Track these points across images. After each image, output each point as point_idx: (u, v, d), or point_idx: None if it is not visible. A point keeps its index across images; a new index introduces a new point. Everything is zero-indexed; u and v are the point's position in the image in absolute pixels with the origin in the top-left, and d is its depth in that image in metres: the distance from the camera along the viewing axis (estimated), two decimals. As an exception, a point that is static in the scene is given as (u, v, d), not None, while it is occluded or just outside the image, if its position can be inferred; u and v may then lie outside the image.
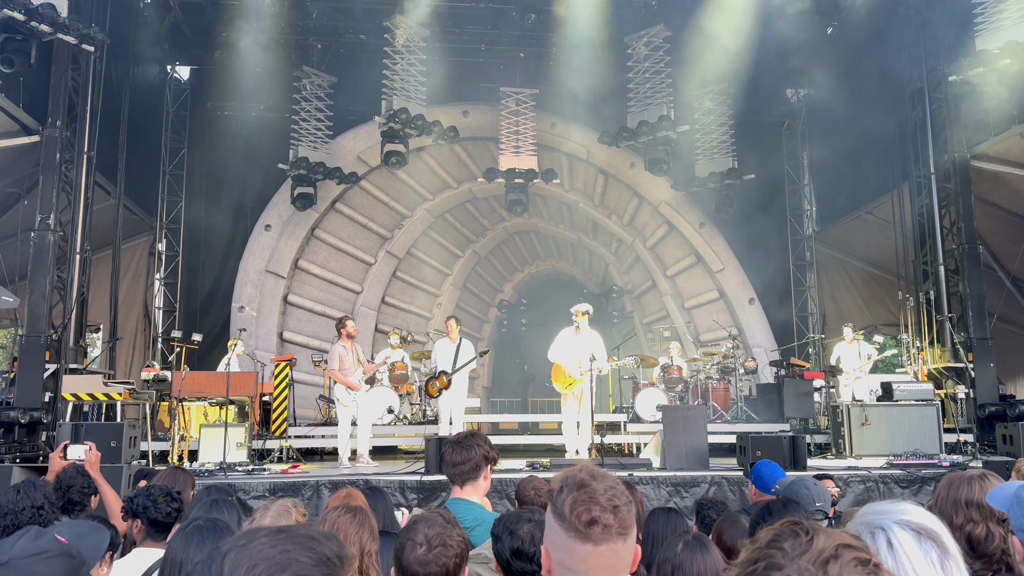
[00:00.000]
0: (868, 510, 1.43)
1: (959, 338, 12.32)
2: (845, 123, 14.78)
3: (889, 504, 1.42)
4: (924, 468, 8.53)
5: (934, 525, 1.37)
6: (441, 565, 2.31)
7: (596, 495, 1.54)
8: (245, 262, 16.09)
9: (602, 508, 1.52)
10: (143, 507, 3.40)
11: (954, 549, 1.35)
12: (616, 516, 1.53)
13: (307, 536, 1.02)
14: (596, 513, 1.52)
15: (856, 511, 3.54)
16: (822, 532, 1.00)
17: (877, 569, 0.97)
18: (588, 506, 1.52)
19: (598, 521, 1.51)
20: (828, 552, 0.96)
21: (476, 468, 3.32)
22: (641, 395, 12.84)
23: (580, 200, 17.75)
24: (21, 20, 10.40)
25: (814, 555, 0.96)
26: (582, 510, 1.52)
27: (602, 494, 1.54)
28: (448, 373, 10.22)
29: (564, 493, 1.56)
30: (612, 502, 1.54)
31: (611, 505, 1.53)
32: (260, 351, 14.88)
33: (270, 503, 2.84)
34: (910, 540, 1.34)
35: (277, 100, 15.33)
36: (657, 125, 15.12)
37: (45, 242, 11.20)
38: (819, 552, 0.97)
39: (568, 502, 1.54)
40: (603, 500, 1.53)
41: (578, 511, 1.52)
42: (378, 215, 17.05)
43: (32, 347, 10.86)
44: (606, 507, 1.53)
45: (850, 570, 0.95)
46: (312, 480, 8.20)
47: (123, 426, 8.62)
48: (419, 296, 17.85)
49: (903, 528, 1.35)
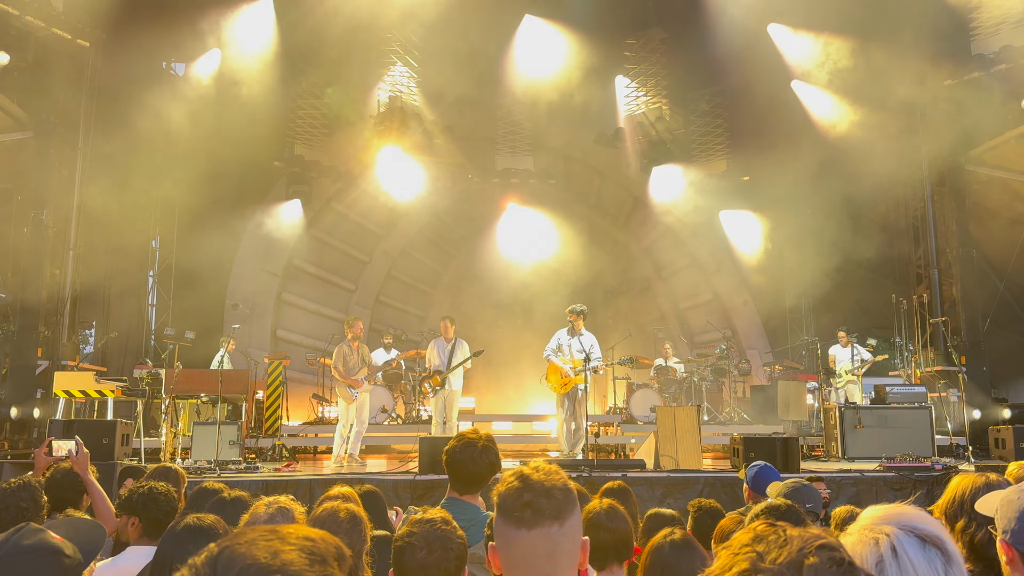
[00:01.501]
0: (871, 515, 1.42)
1: (952, 341, 12.35)
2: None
3: (893, 509, 1.40)
4: (917, 471, 8.54)
5: (939, 531, 1.36)
6: (442, 568, 2.29)
7: (531, 483, 1.59)
8: (239, 260, 16.03)
9: (535, 492, 1.57)
10: (143, 505, 3.36)
11: (957, 556, 1.34)
12: (549, 499, 1.56)
13: (302, 536, 1.01)
14: (528, 497, 1.56)
15: (848, 510, 3.54)
16: (796, 533, 1.00)
17: (852, 568, 0.96)
18: (521, 492, 1.58)
19: (530, 504, 1.55)
20: (803, 552, 0.96)
21: (483, 482, 3.19)
22: (635, 396, 12.85)
23: (575, 201, 17.74)
24: (15, 15, 10.34)
25: (788, 556, 0.95)
26: (515, 495, 1.58)
27: (537, 482, 1.60)
28: (442, 372, 10.22)
29: (505, 484, 1.63)
30: (545, 487, 1.59)
31: (544, 490, 1.58)
32: (254, 349, 14.83)
33: (267, 502, 2.81)
34: (915, 548, 1.33)
35: (273, 97, 15.26)
36: (653, 126, 15.13)
37: (39, 238, 11.15)
38: (793, 553, 0.96)
39: (506, 491, 1.61)
40: (537, 487, 1.58)
41: (512, 496, 1.58)
42: (373, 214, 17.00)
43: (24, 343, 10.81)
44: (539, 492, 1.57)
45: (825, 571, 0.94)
46: (305, 479, 8.18)
47: (115, 423, 8.58)
48: (414, 295, 17.83)
49: (908, 535, 1.34)
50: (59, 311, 11.39)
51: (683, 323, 17.55)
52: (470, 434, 3.21)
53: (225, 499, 3.41)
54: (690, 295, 17.54)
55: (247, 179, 15.44)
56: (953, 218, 12.55)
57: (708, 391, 13.12)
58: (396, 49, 14.69)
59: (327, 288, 17.06)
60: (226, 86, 14.62)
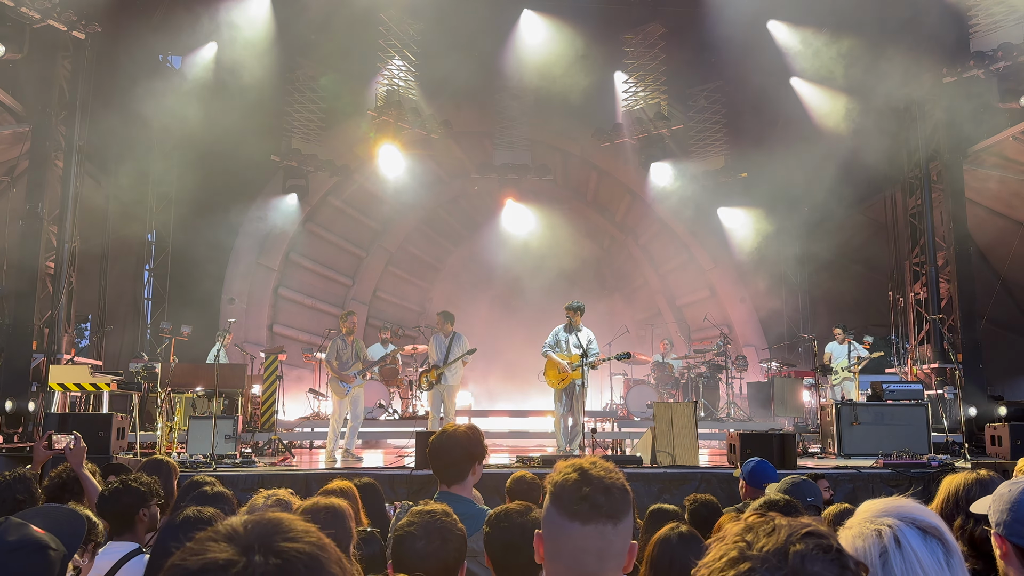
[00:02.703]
0: (870, 508, 1.42)
1: (949, 339, 12.37)
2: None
3: (892, 501, 1.41)
4: (913, 468, 8.55)
5: (938, 523, 1.37)
6: (440, 559, 2.28)
7: (591, 477, 1.56)
8: (236, 254, 15.98)
9: (594, 488, 1.54)
10: (100, 507, 3.41)
11: (956, 547, 1.36)
12: (607, 497, 1.54)
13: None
14: (586, 491, 1.54)
15: (839, 507, 3.53)
16: (785, 522, 1.00)
17: (840, 555, 0.96)
18: (580, 485, 1.55)
19: (587, 499, 1.53)
20: (790, 540, 0.96)
21: (460, 470, 3.22)
22: (632, 392, 12.86)
23: (573, 197, 17.72)
24: (10, 6, 10.28)
25: (775, 544, 0.96)
26: (574, 487, 1.55)
27: (597, 477, 1.57)
28: (439, 367, 10.21)
29: (562, 475, 1.60)
30: (604, 484, 1.56)
31: (603, 487, 1.55)
32: (250, 343, 14.80)
33: (267, 494, 2.80)
34: (917, 539, 1.33)
35: (270, 91, 15.21)
36: (651, 122, 15.11)
37: (34, 231, 11.10)
38: (780, 541, 0.96)
39: (563, 481, 1.58)
40: (596, 481, 1.56)
41: (570, 488, 1.55)
42: (370, 209, 16.96)
43: (20, 336, 10.77)
44: (598, 487, 1.55)
45: (812, 558, 0.94)
46: (301, 474, 8.16)
47: (111, 417, 8.55)
48: (411, 290, 17.80)
49: (909, 527, 1.35)
50: (54, 304, 11.35)
51: (680, 319, 17.55)
52: (450, 426, 3.33)
53: (207, 493, 3.39)
54: (687, 291, 17.54)
55: (244, 173, 15.38)
56: (951, 215, 12.56)
57: (705, 387, 13.13)
58: (394, 43, 14.64)
59: (324, 283, 17.03)
60: (223, 79, 14.56)
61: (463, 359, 10.35)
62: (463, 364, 10.42)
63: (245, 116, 14.55)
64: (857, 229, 15.47)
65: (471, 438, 3.25)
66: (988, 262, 13.83)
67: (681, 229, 17.23)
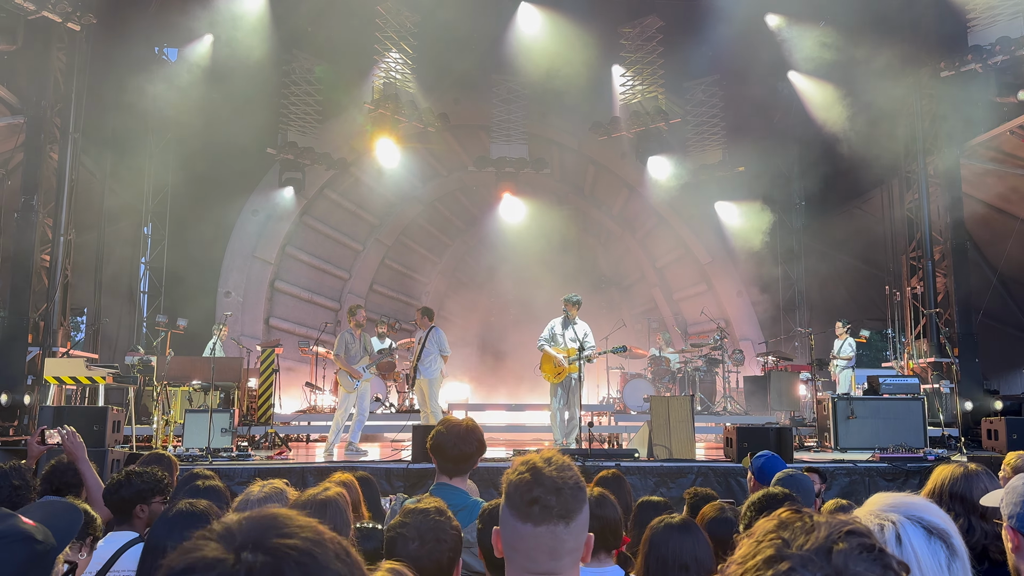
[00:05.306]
0: (878, 501, 1.40)
1: (945, 333, 12.39)
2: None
3: (902, 497, 1.38)
4: (909, 462, 8.57)
5: (947, 525, 1.33)
6: (434, 560, 2.26)
7: (542, 477, 1.56)
8: (232, 247, 15.93)
9: (545, 489, 1.54)
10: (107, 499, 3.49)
11: (962, 551, 1.32)
12: (558, 498, 1.54)
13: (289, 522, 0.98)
14: (537, 493, 1.54)
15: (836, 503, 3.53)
16: (824, 519, 0.96)
17: (882, 555, 0.92)
18: (531, 486, 1.55)
19: (538, 501, 1.53)
20: (832, 539, 0.92)
21: (471, 463, 3.26)
22: (628, 386, 12.86)
23: (570, 190, 17.69)
24: (5, -3, 10.22)
25: (815, 542, 0.91)
26: (525, 489, 1.56)
27: (548, 477, 1.56)
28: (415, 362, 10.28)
29: (516, 474, 1.60)
30: (556, 484, 1.56)
31: (554, 487, 1.55)
32: (246, 337, 14.77)
33: (262, 483, 2.78)
34: (920, 538, 1.31)
35: (266, 84, 15.14)
36: (649, 116, 15.08)
37: (29, 223, 11.05)
38: (821, 539, 0.92)
39: (517, 481, 1.58)
40: (547, 482, 1.56)
41: (522, 489, 1.56)
42: (367, 202, 16.91)
43: (14, 329, 10.73)
44: (549, 488, 1.55)
45: (854, 558, 0.90)
46: (297, 467, 8.15)
47: (107, 410, 8.53)
48: (408, 284, 17.78)
49: (914, 525, 1.32)
50: (50, 297, 11.31)
51: (677, 313, 17.56)
52: (453, 418, 3.36)
53: (199, 487, 3.40)
54: (684, 285, 17.54)
55: (239, 166, 15.32)
56: (947, 210, 12.56)
57: (702, 381, 13.13)
58: (391, 35, 14.58)
59: (320, 276, 17.00)
60: (218, 72, 14.47)
61: (444, 356, 10.28)
62: (442, 359, 10.32)
63: (241, 109, 14.49)
64: (854, 223, 15.47)
65: (478, 433, 3.28)
66: (984, 257, 13.85)
67: (678, 223, 17.21)
